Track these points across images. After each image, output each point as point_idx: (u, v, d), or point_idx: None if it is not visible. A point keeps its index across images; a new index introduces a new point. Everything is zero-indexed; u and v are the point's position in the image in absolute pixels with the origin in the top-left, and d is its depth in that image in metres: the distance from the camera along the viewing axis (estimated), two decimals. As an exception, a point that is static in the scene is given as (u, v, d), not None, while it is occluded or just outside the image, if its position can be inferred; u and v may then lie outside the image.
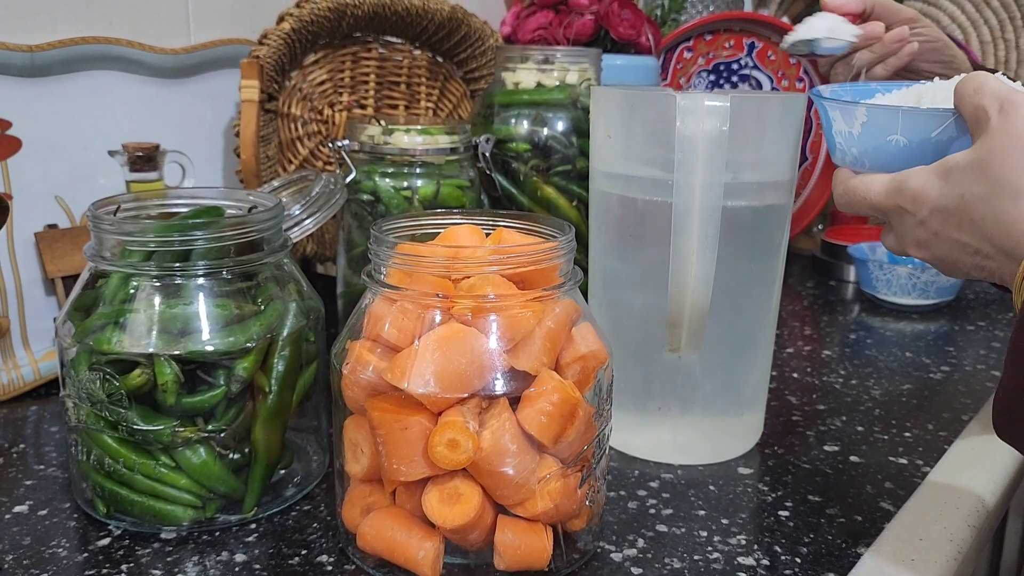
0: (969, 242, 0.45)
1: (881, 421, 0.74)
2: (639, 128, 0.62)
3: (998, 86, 0.44)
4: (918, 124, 0.47)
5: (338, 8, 0.85)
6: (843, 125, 0.50)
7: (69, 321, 0.56)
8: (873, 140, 0.49)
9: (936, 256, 0.47)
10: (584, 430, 0.51)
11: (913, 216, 0.47)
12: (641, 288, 0.64)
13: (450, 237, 0.54)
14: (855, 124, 0.49)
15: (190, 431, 0.54)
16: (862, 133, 0.49)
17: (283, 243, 0.60)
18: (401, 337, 0.49)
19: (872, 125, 0.49)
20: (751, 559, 0.54)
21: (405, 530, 0.50)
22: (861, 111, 0.49)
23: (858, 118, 0.49)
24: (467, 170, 0.80)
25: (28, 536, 0.55)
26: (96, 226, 0.55)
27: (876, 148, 0.49)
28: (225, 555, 0.53)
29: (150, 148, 0.74)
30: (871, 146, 0.49)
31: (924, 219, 0.46)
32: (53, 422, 0.72)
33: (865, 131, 0.49)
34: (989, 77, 0.45)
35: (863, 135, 0.49)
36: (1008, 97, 0.43)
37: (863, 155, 0.50)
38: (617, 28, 1.08)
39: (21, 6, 0.74)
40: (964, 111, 0.45)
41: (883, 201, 0.48)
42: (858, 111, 0.49)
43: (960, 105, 0.45)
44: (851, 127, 0.50)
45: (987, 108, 0.43)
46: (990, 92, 0.44)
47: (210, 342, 0.55)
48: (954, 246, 0.46)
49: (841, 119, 0.50)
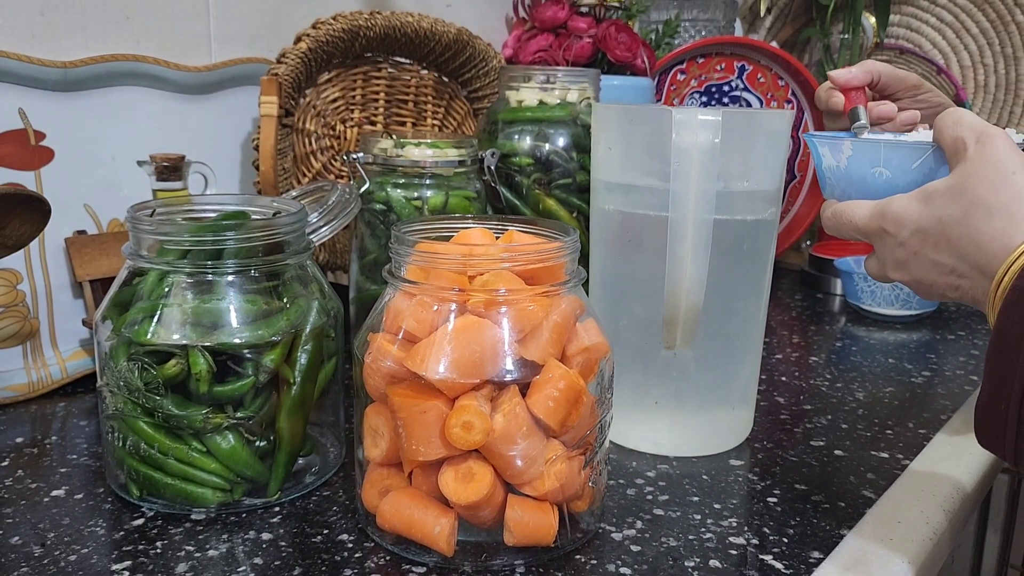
0: (946, 262, 0.48)
1: (864, 419, 0.79)
2: (638, 141, 0.67)
3: (975, 120, 0.48)
4: (899, 156, 0.52)
5: (352, 30, 0.90)
6: (831, 160, 0.54)
7: (108, 315, 0.60)
8: (858, 172, 0.53)
9: (914, 277, 0.51)
10: (588, 416, 0.55)
11: (894, 237, 0.50)
12: (639, 291, 0.69)
13: (464, 238, 0.58)
14: (841, 158, 0.54)
15: (220, 418, 0.58)
16: (848, 166, 0.53)
17: (306, 245, 0.65)
18: (420, 328, 0.53)
19: (857, 158, 0.53)
20: (741, 539, 0.58)
21: (422, 508, 0.54)
22: (847, 145, 0.53)
23: (844, 152, 0.53)
24: (474, 182, 0.85)
25: (67, 517, 0.59)
26: (135, 227, 0.60)
27: (861, 180, 0.53)
28: (252, 534, 0.57)
29: (176, 159, 0.79)
30: (857, 178, 0.53)
31: (904, 240, 0.50)
32: (81, 416, 0.75)
33: (851, 164, 0.53)
34: (967, 113, 0.49)
35: (849, 168, 0.53)
36: (984, 130, 0.47)
37: (850, 187, 0.54)
38: (614, 51, 1.13)
39: (57, 25, 0.79)
40: (944, 143, 0.49)
41: (867, 224, 0.52)
42: (844, 145, 0.53)
43: (940, 137, 0.49)
44: (838, 161, 0.54)
45: (965, 139, 0.47)
46: (968, 125, 0.48)
47: (239, 335, 0.59)
48: (931, 266, 0.49)
49: (830, 154, 0.55)
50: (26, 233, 0.65)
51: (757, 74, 1.34)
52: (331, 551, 0.55)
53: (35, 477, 0.64)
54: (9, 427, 0.73)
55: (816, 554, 0.56)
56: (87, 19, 0.81)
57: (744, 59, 1.34)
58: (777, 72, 1.35)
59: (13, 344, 0.78)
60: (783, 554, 0.56)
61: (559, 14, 1.16)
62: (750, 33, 1.54)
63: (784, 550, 0.56)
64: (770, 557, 0.56)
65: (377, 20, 0.91)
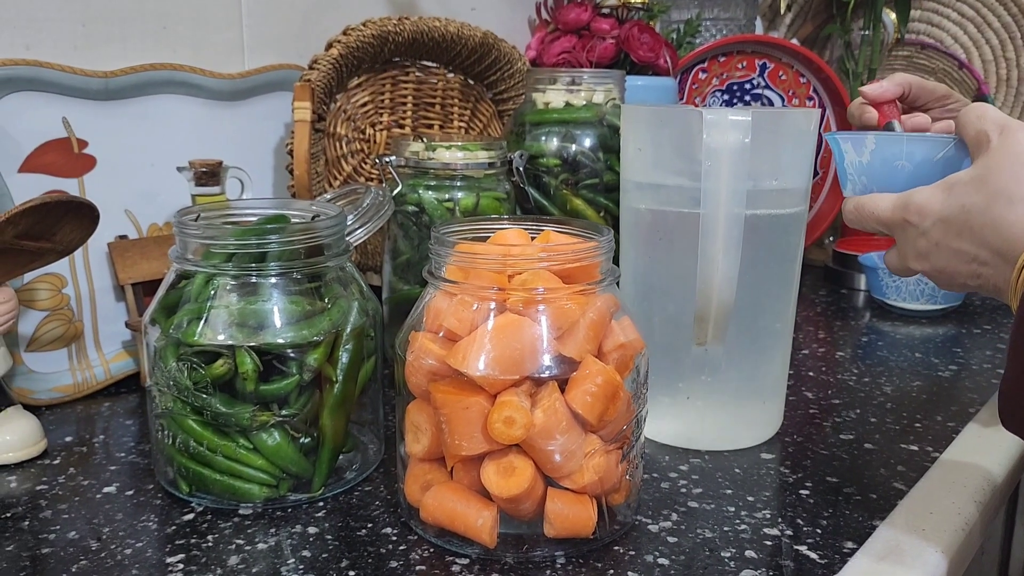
0: (968, 250, 0.49)
1: (893, 413, 0.80)
2: (667, 142, 0.69)
3: (998, 114, 0.50)
4: (922, 149, 0.53)
5: (381, 35, 0.92)
6: (854, 155, 0.56)
7: (156, 318, 0.62)
8: (881, 166, 0.54)
9: (936, 267, 0.52)
10: (624, 411, 0.56)
11: (916, 228, 0.51)
12: (670, 288, 0.70)
13: (500, 239, 0.60)
14: (864, 153, 0.55)
15: (267, 416, 0.60)
16: (871, 160, 0.55)
17: (345, 248, 0.66)
18: (460, 326, 0.55)
19: (880, 152, 0.54)
20: (776, 530, 0.59)
21: (464, 502, 0.56)
22: (870, 139, 0.55)
23: (867, 146, 0.55)
24: (503, 183, 0.86)
25: (120, 512, 0.61)
26: (181, 231, 0.62)
27: (884, 174, 0.54)
28: (299, 528, 0.59)
29: (214, 164, 0.81)
30: (879, 171, 0.54)
31: (927, 230, 0.51)
32: (126, 416, 0.78)
33: (873, 158, 0.55)
34: (990, 107, 0.50)
35: (871, 162, 0.55)
36: (1007, 123, 0.49)
37: (872, 182, 0.55)
38: (637, 51, 1.14)
39: (98, 36, 0.81)
40: (967, 135, 0.50)
41: (890, 216, 0.53)
42: (867, 140, 0.55)
43: (963, 131, 0.51)
44: (861, 156, 0.55)
45: (988, 132, 0.49)
46: (991, 119, 0.49)
47: (283, 335, 0.61)
48: (953, 255, 0.50)
49: (852, 149, 0.56)
50: (76, 239, 0.67)
51: (778, 72, 1.35)
52: (376, 544, 0.57)
53: (86, 475, 0.66)
54: (58, 427, 0.75)
55: (850, 544, 0.57)
56: (126, 30, 0.84)
57: (765, 57, 1.35)
58: (798, 69, 1.36)
59: (59, 346, 0.80)
60: (817, 544, 0.57)
61: (582, 16, 1.17)
62: (770, 31, 1.55)
63: (818, 540, 0.58)
64: (804, 547, 0.57)
65: (406, 25, 0.93)
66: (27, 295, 0.78)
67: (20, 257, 0.66)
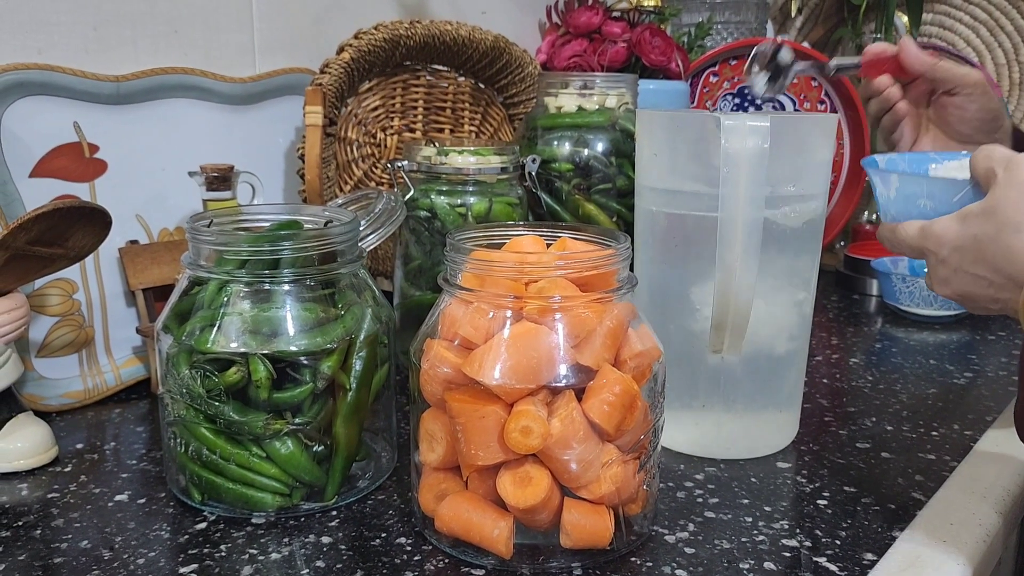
0: (984, 275, 0.52)
1: (909, 421, 0.79)
2: (683, 147, 0.68)
3: (1004, 151, 0.52)
4: (941, 189, 0.56)
5: (393, 39, 0.91)
6: (883, 189, 0.59)
7: (169, 324, 0.62)
8: (905, 203, 0.57)
9: (957, 291, 0.54)
10: (642, 420, 0.56)
11: (935, 255, 0.54)
12: (686, 295, 0.69)
13: (515, 246, 0.59)
14: (891, 189, 0.58)
15: (280, 424, 0.60)
16: (896, 196, 0.58)
17: (359, 254, 0.66)
18: (476, 335, 0.54)
19: (903, 191, 0.57)
20: (794, 541, 0.58)
21: (480, 512, 0.55)
22: (894, 179, 0.57)
23: (892, 184, 0.57)
24: (515, 188, 0.86)
25: (132, 521, 0.60)
26: (194, 237, 0.61)
27: (907, 210, 0.57)
28: (312, 537, 0.58)
29: (225, 169, 0.80)
30: (904, 208, 0.57)
31: (945, 258, 0.54)
32: (137, 422, 0.77)
33: (898, 195, 0.57)
34: (997, 146, 0.53)
35: (897, 198, 0.58)
36: (1012, 158, 0.51)
37: (899, 215, 0.58)
38: (648, 55, 1.14)
39: (109, 40, 0.81)
40: (978, 173, 0.53)
41: (915, 244, 0.56)
42: (891, 179, 0.58)
43: (975, 170, 0.54)
44: (888, 191, 0.58)
45: (995, 168, 0.52)
46: (998, 156, 0.52)
47: (297, 343, 0.60)
48: (971, 280, 0.53)
49: (880, 184, 0.59)
50: (88, 245, 0.67)
51: (790, 75, 1.34)
52: (390, 554, 0.56)
53: (98, 483, 0.66)
54: (68, 433, 0.74)
55: (870, 556, 0.56)
56: (137, 33, 0.83)
57: (776, 60, 1.34)
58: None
59: (69, 352, 0.80)
60: (837, 556, 0.56)
61: (593, 19, 1.16)
62: (781, 34, 1.54)
63: (837, 552, 0.57)
64: (824, 559, 0.56)
65: (417, 29, 0.92)
66: (38, 301, 0.77)
67: (32, 263, 0.66)
